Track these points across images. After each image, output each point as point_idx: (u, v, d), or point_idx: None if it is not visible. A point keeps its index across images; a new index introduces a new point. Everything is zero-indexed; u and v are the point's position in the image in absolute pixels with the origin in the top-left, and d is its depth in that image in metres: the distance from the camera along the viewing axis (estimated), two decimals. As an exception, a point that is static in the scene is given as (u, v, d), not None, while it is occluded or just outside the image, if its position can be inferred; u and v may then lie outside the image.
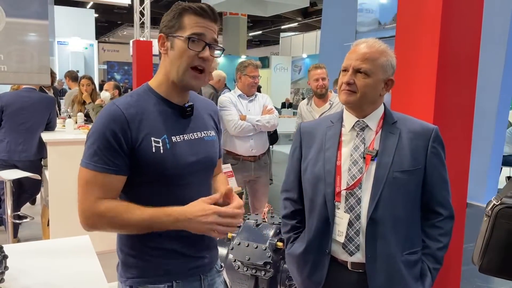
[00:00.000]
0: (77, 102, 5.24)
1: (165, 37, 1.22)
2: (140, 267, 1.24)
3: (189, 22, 1.19)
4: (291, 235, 1.64)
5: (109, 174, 1.15)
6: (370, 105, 1.49)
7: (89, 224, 1.18)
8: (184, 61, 1.19)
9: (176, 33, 1.19)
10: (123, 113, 1.16)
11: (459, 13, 2.02)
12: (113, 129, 1.14)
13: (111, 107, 1.18)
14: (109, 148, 1.15)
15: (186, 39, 1.17)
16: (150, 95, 1.24)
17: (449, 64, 2.02)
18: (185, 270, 1.27)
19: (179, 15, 1.20)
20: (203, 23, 1.19)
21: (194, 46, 1.18)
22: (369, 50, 1.44)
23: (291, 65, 19.19)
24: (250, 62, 3.61)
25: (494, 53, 5.53)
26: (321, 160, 1.52)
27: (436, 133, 1.48)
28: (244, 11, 14.22)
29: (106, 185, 1.16)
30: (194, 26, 1.18)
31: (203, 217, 1.11)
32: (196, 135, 1.29)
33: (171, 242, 1.23)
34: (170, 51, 1.21)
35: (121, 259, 1.28)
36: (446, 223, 1.49)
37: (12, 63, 2.54)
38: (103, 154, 1.15)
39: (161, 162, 1.18)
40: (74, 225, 4.04)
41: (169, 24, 1.21)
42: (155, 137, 1.18)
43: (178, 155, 1.22)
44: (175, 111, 1.25)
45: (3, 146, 3.94)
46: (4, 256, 1.35)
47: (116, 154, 1.15)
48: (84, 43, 13.47)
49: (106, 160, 1.15)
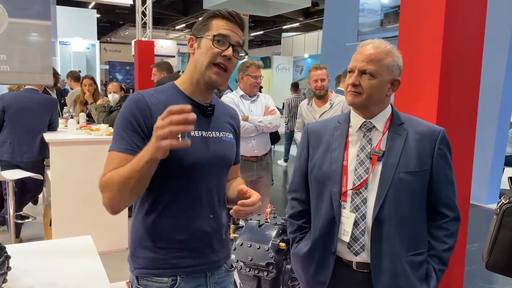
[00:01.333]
0: (79, 102, 5.25)
1: (194, 38, 1.32)
2: (148, 259, 1.28)
3: (216, 24, 1.29)
4: (297, 235, 1.64)
5: (130, 154, 1.18)
6: (376, 106, 1.49)
7: (104, 200, 1.19)
8: (208, 57, 1.27)
9: (204, 34, 1.29)
10: (146, 100, 1.24)
11: (462, 14, 2.02)
12: (135, 114, 1.21)
13: (135, 95, 1.27)
14: (132, 130, 1.21)
15: (212, 37, 1.26)
16: (174, 91, 1.32)
17: (452, 65, 2.02)
18: (191, 265, 1.29)
19: (209, 19, 1.30)
20: (229, 26, 1.29)
21: (218, 45, 1.27)
22: (374, 51, 1.44)
23: (292, 65, 19.17)
24: (252, 62, 3.61)
25: (496, 54, 5.52)
26: (328, 160, 1.53)
27: (443, 134, 1.48)
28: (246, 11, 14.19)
29: (123, 163, 1.17)
30: (220, 28, 1.28)
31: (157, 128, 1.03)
32: (215, 134, 1.34)
33: (182, 234, 1.27)
34: (197, 50, 1.30)
35: (131, 250, 1.33)
36: (452, 225, 1.50)
37: (15, 63, 2.54)
38: (127, 136, 1.21)
39: (178, 153, 1.18)
40: (76, 225, 4.05)
41: (199, 27, 1.32)
42: None
43: (195, 149, 1.24)
44: (196, 109, 1.26)
45: (6, 147, 3.95)
46: (6, 257, 1.34)
47: (138, 136, 1.21)
48: (86, 43, 13.48)
49: (129, 141, 1.21)
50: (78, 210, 3.75)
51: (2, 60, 2.50)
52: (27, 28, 2.56)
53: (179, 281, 1.27)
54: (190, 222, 1.28)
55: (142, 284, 1.28)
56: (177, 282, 1.27)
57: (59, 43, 12.74)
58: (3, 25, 2.46)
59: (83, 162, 3.75)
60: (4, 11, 2.45)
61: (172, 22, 20.52)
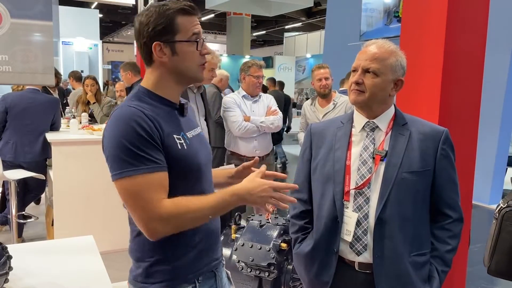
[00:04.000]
0: (81, 103, 5.26)
1: (162, 44, 1.18)
2: (169, 271, 1.22)
3: (183, 23, 1.18)
4: (299, 235, 1.64)
5: (159, 172, 1.12)
6: (379, 105, 1.49)
7: (160, 231, 1.11)
8: (194, 62, 1.22)
9: (175, 38, 1.18)
10: (144, 113, 1.13)
11: (465, 14, 2.01)
12: (144, 127, 1.11)
13: (129, 109, 1.14)
14: (149, 146, 1.11)
15: (194, 42, 1.20)
16: (152, 97, 1.22)
17: (454, 65, 2.01)
18: (206, 266, 1.29)
19: (170, 19, 1.17)
20: (195, 21, 1.21)
21: (200, 46, 1.22)
22: (378, 50, 1.45)
23: (295, 65, 19.16)
24: (253, 62, 3.61)
25: (499, 54, 5.50)
26: (331, 160, 1.54)
27: (446, 135, 1.48)
28: (248, 11, 14.22)
29: (162, 183, 1.12)
30: (191, 27, 1.20)
31: (261, 191, 1.16)
32: (196, 131, 1.33)
33: (198, 236, 1.25)
34: (172, 57, 1.19)
35: (145, 267, 1.22)
36: (455, 226, 1.49)
37: (17, 63, 2.55)
38: (145, 153, 1.10)
39: (187, 158, 1.20)
40: (78, 225, 4.06)
41: (160, 29, 1.17)
42: (176, 135, 1.19)
43: (197, 150, 1.26)
44: (176, 110, 1.27)
45: (9, 148, 3.96)
46: (8, 257, 1.35)
47: (156, 150, 1.12)
48: (89, 43, 13.49)
49: (150, 158, 1.10)
50: (80, 210, 3.76)
51: (4, 61, 2.50)
52: (29, 29, 2.56)
53: (197, 286, 1.26)
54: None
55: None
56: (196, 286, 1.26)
57: (61, 43, 12.75)
58: (5, 25, 2.46)
59: (85, 162, 3.76)
60: (6, 11, 2.46)
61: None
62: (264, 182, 1.18)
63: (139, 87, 1.25)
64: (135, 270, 1.25)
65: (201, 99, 3.23)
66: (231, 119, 3.49)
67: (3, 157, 3.97)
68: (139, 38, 1.20)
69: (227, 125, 3.59)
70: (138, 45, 1.23)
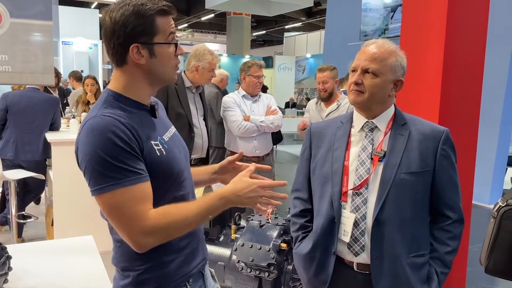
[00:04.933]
0: (81, 102, 5.25)
1: (140, 46, 1.10)
2: (160, 277, 1.17)
3: (162, 24, 1.12)
4: (299, 234, 1.64)
5: (142, 182, 1.06)
6: (379, 105, 1.48)
7: (150, 242, 1.07)
8: (171, 64, 1.17)
9: (154, 39, 1.11)
10: (121, 121, 1.06)
11: (465, 14, 2.01)
12: (121, 137, 1.04)
13: (103, 119, 1.05)
14: (129, 157, 1.04)
15: (174, 45, 1.15)
16: (123, 101, 1.14)
17: (454, 65, 2.01)
18: (195, 268, 1.26)
19: (151, 19, 1.10)
20: (171, 21, 1.16)
21: (175, 48, 1.16)
22: (378, 51, 1.44)
23: (295, 65, 19.17)
24: (253, 62, 3.61)
25: (499, 54, 5.49)
26: (329, 160, 1.53)
27: (446, 135, 1.47)
28: (248, 11, 14.21)
29: (146, 193, 1.07)
30: (167, 28, 1.14)
31: (250, 192, 1.15)
32: (171, 131, 1.26)
33: (186, 238, 1.20)
34: (150, 59, 1.12)
35: (134, 276, 1.16)
36: (455, 227, 1.48)
37: (17, 63, 2.54)
38: (125, 164, 1.03)
39: (167, 164, 1.15)
40: (78, 225, 4.05)
41: (139, 30, 1.09)
42: (153, 141, 1.13)
43: (175, 153, 1.20)
44: (148, 112, 1.19)
45: (9, 146, 3.96)
46: (7, 257, 1.35)
47: (136, 159, 1.06)
48: (89, 43, 13.48)
49: (132, 170, 1.04)
50: (80, 210, 3.76)
51: (4, 60, 2.50)
52: (29, 28, 2.56)
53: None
54: None
55: None
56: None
57: (61, 43, 12.75)
58: (5, 25, 2.46)
59: (85, 162, 3.75)
60: (6, 11, 2.46)
61: (174, 21, 20.50)
62: (252, 181, 1.16)
63: (107, 91, 1.16)
64: (122, 279, 1.18)
65: (200, 99, 3.23)
66: (230, 119, 3.49)
67: (3, 156, 3.97)
68: (112, 37, 1.10)
69: (227, 125, 3.60)
70: (108, 45, 1.13)
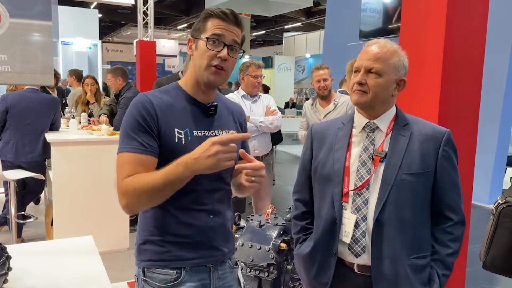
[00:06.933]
0: (80, 103, 5.25)
1: (193, 39, 1.34)
2: (154, 252, 1.31)
3: (211, 25, 1.29)
4: (300, 235, 1.64)
5: (144, 154, 1.23)
6: (381, 105, 1.48)
7: (123, 203, 1.22)
8: (204, 60, 1.29)
9: (200, 35, 1.30)
10: (150, 100, 1.27)
11: (465, 13, 2.01)
12: (142, 114, 1.25)
13: (140, 97, 1.30)
14: (142, 131, 1.24)
15: (205, 39, 1.28)
16: (178, 92, 1.35)
17: (454, 65, 2.01)
18: (195, 258, 1.32)
19: (204, 19, 1.31)
20: (223, 26, 1.29)
21: (213, 46, 1.28)
22: (380, 50, 1.44)
23: (294, 65, 19.18)
24: (252, 62, 3.61)
25: (499, 53, 5.50)
26: (331, 160, 1.53)
27: (448, 136, 1.46)
28: (248, 11, 14.18)
29: (138, 163, 1.22)
30: (214, 28, 1.29)
31: (206, 151, 1.14)
32: (218, 133, 1.35)
33: (187, 229, 1.30)
34: (195, 52, 1.33)
35: (138, 243, 1.35)
36: (456, 229, 1.47)
37: (16, 63, 2.54)
38: (137, 136, 1.23)
39: (183, 152, 1.21)
40: (78, 225, 4.06)
41: (196, 27, 1.33)
42: (178, 129, 1.28)
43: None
44: (199, 109, 1.34)
45: (9, 148, 3.95)
46: (7, 257, 1.35)
47: (149, 136, 1.24)
48: (88, 43, 13.50)
49: (140, 141, 1.23)
50: (80, 210, 3.76)
51: (3, 61, 2.50)
52: (28, 28, 2.55)
53: (183, 274, 1.30)
54: (195, 218, 1.31)
55: (148, 276, 1.31)
56: (181, 275, 1.30)
57: (61, 43, 12.77)
58: (4, 25, 2.46)
59: (84, 162, 3.76)
60: (5, 11, 2.45)
61: (174, 22, 20.53)
62: (206, 142, 1.15)
63: (175, 83, 1.38)
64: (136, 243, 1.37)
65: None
66: (230, 119, 3.49)
67: (3, 157, 3.96)
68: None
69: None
70: None
